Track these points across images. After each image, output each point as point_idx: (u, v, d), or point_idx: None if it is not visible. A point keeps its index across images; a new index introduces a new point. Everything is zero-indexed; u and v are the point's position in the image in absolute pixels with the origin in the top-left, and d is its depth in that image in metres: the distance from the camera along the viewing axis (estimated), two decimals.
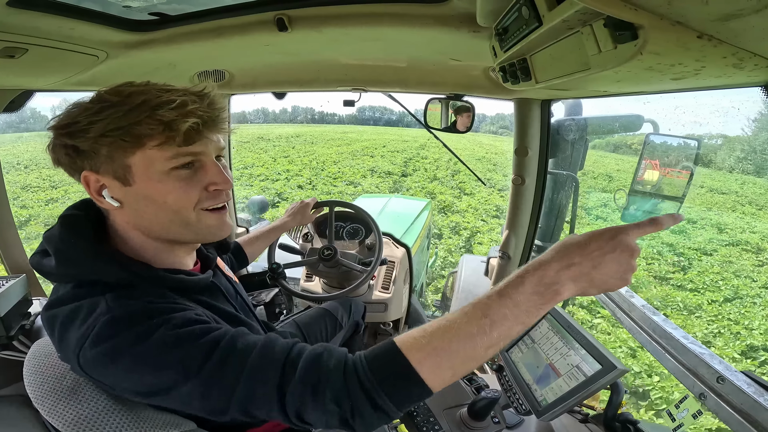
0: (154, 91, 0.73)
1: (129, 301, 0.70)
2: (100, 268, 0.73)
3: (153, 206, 0.76)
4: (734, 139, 26.22)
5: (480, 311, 0.63)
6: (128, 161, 0.72)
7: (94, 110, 0.71)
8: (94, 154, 0.72)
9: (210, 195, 0.79)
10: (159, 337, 0.66)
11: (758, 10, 0.46)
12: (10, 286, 1.55)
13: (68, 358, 0.72)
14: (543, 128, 1.72)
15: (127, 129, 0.70)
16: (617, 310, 1.36)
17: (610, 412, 1.12)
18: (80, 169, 0.74)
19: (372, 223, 2.07)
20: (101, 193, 0.75)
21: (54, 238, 0.78)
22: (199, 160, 0.77)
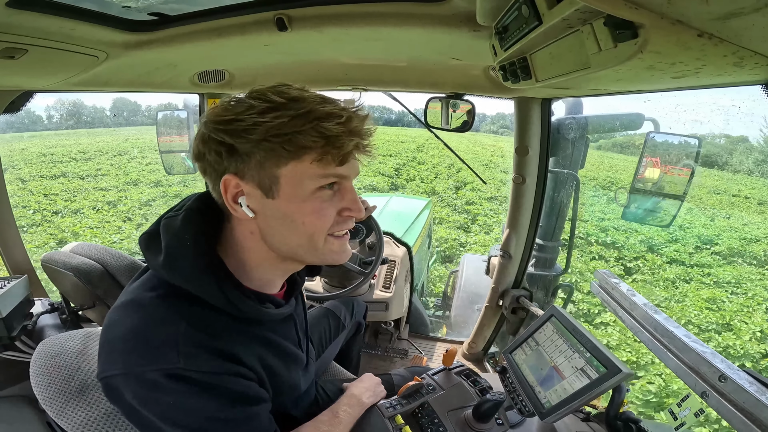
0: (317, 100, 0.69)
1: (200, 359, 0.68)
2: (199, 284, 0.71)
3: (289, 225, 0.73)
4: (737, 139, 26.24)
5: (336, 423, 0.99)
6: (279, 172, 0.69)
7: (258, 109, 0.67)
8: (247, 157, 0.68)
9: (341, 220, 0.77)
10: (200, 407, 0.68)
11: (758, 9, 0.46)
12: (12, 287, 1.56)
13: (101, 361, 0.71)
14: (543, 127, 1.72)
15: (290, 137, 0.67)
16: (619, 309, 1.36)
17: (612, 411, 1.12)
18: (224, 170, 0.71)
19: (373, 223, 2.07)
20: (237, 200, 0.72)
21: (171, 232, 0.74)
22: (341, 183, 0.75)
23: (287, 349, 0.88)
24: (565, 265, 2.29)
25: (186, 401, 0.67)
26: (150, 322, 0.69)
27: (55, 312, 1.80)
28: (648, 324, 1.21)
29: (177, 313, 0.70)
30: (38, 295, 1.99)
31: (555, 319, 1.21)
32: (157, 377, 0.65)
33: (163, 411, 0.67)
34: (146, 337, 0.67)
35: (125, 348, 0.67)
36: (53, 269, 1.53)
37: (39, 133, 37.40)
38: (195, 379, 0.67)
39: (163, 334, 0.67)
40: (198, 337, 0.69)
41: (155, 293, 0.72)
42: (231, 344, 0.73)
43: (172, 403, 0.67)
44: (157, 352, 0.66)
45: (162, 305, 0.71)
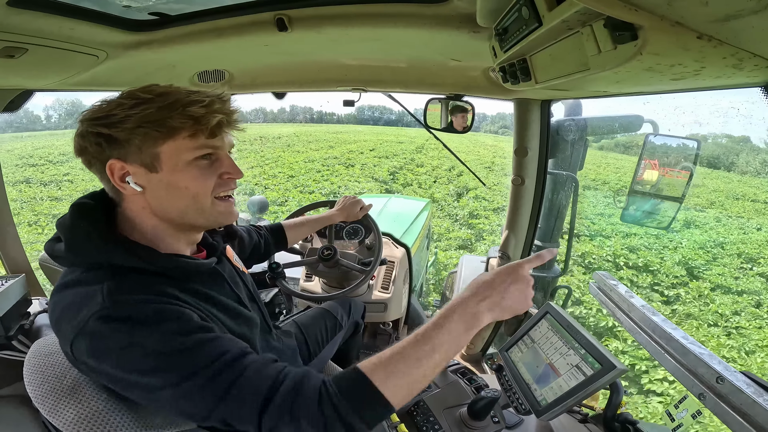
0: (183, 92, 0.81)
1: (123, 297, 0.74)
2: (107, 252, 0.79)
3: (174, 192, 0.83)
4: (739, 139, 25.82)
5: (423, 340, 0.76)
6: (158, 150, 0.80)
7: (128, 105, 0.78)
8: (126, 143, 0.78)
9: (223, 182, 0.88)
10: (148, 343, 0.71)
11: (758, 11, 0.46)
12: (9, 286, 1.55)
13: (63, 344, 0.78)
14: (543, 128, 1.72)
15: (162, 122, 0.78)
16: (617, 311, 1.36)
17: (610, 412, 1.12)
18: (107, 158, 0.80)
19: (371, 223, 2.07)
20: (124, 180, 0.81)
21: (65, 224, 0.83)
22: (216, 153, 0.86)
23: (224, 302, 0.91)
24: (564, 266, 2.29)
25: (130, 340, 0.70)
26: (78, 290, 0.77)
27: None
28: (646, 326, 1.21)
29: (99, 278, 0.77)
30: (36, 294, 1.99)
31: (550, 316, 1.21)
32: (94, 325, 0.71)
33: (117, 358, 0.71)
34: (78, 301, 0.75)
35: (67, 317, 0.74)
36: (51, 268, 1.53)
37: (34, 133, 36.64)
38: (129, 315, 0.72)
39: (91, 293, 0.74)
40: (121, 284, 0.76)
41: (77, 273, 0.80)
42: (158, 284, 0.79)
43: (117, 347, 0.71)
44: (87, 303, 0.73)
45: (85, 278, 0.78)
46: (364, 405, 0.71)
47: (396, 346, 0.77)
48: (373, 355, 0.76)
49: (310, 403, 0.70)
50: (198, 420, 0.73)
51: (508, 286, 0.83)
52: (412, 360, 0.74)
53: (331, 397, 0.71)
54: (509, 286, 0.83)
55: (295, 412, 0.70)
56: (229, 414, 0.71)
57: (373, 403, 0.71)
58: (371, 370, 0.73)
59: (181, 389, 0.70)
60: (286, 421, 0.69)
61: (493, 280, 0.83)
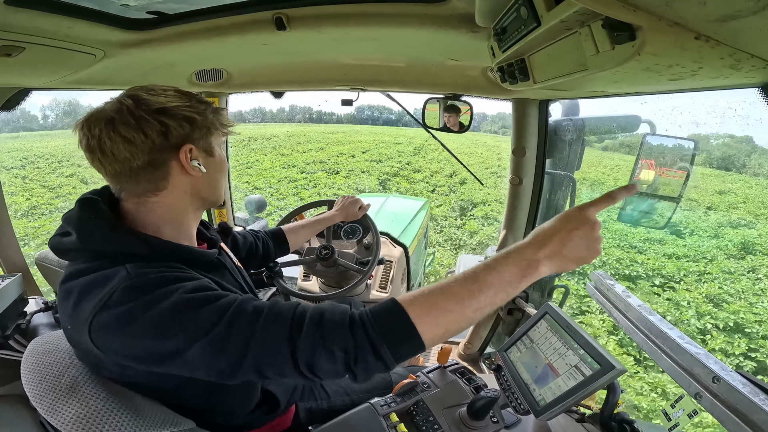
0: (210, 101, 0.94)
1: (147, 270, 0.76)
2: (120, 242, 0.80)
3: (220, 171, 0.97)
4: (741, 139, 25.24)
5: (470, 278, 0.72)
6: (210, 139, 0.92)
7: (197, 100, 0.91)
8: (206, 130, 0.90)
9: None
10: (172, 301, 0.71)
11: (755, 12, 0.46)
12: (6, 285, 1.55)
13: (79, 326, 0.75)
14: (541, 128, 1.73)
15: (213, 122, 0.92)
16: (614, 310, 1.37)
17: (607, 412, 1.12)
18: (182, 143, 0.85)
19: (370, 223, 2.07)
20: (190, 162, 0.87)
21: (74, 218, 0.84)
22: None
23: (231, 289, 0.90)
24: None
25: (151, 306, 0.71)
26: (96, 274, 0.77)
27: (49, 311, 1.79)
28: (642, 325, 1.21)
29: (118, 260, 0.78)
30: (32, 293, 1.98)
31: (549, 316, 1.21)
32: (116, 298, 0.72)
33: (144, 324, 0.71)
34: (100, 279, 0.75)
35: (89, 296, 0.74)
36: (48, 268, 1.52)
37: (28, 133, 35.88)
38: (147, 283, 0.73)
39: (110, 273, 0.75)
40: (141, 264, 0.78)
41: (89, 262, 0.80)
42: (175, 267, 0.82)
43: (140, 314, 0.71)
44: (111, 279, 0.74)
45: (99, 263, 0.79)
46: (395, 336, 0.69)
47: (440, 282, 0.73)
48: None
49: (340, 326, 0.70)
50: (231, 375, 0.71)
51: (570, 233, 0.75)
52: (454, 297, 0.71)
53: (363, 322, 0.70)
54: (572, 232, 0.75)
55: (327, 337, 0.69)
56: (261, 355, 0.70)
57: (405, 337, 0.69)
58: (409, 302, 0.71)
59: (208, 340, 0.69)
60: (320, 350, 0.68)
61: (554, 227, 0.76)
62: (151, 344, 0.71)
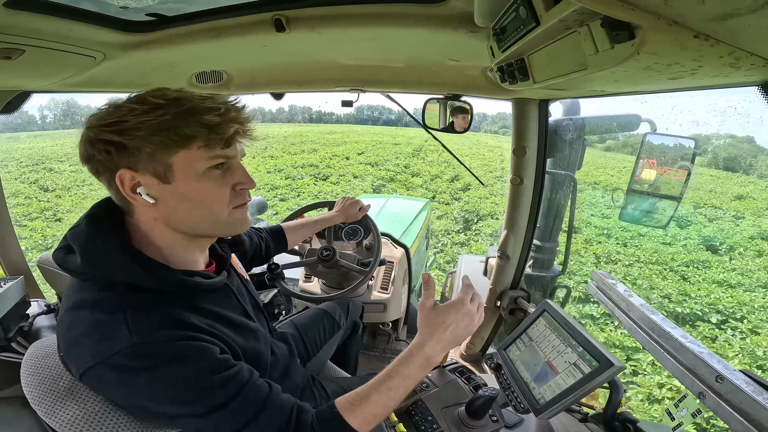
0: (197, 98, 0.78)
1: (150, 334, 0.73)
2: (125, 271, 0.77)
3: (189, 203, 0.81)
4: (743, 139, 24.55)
5: (385, 385, 0.88)
6: (171, 160, 0.76)
7: (140, 110, 0.74)
8: (137, 151, 0.75)
9: (237, 194, 0.86)
10: (173, 381, 0.73)
11: (754, 10, 0.46)
12: (8, 288, 1.55)
13: (73, 363, 0.76)
14: (541, 128, 1.72)
15: (176, 129, 0.75)
16: (616, 310, 1.36)
17: (610, 411, 1.12)
18: (116, 167, 0.77)
19: (370, 224, 2.07)
20: (135, 191, 0.78)
21: (80, 237, 0.80)
22: (228, 163, 0.84)
23: (233, 319, 0.92)
24: (563, 266, 2.29)
25: (157, 378, 0.72)
26: (99, 315, 0.74)
27: (52, 313, 1.79)
28: (645, 325, 1.21)
29: (119, 301, 0.76)
30: (34, 296, 1.98)
31: (547, 314, 1.21)
32: (121, 360, 0.71)
33: (139, 392, 0.73)
34: (100, 329, 0.73)
35: (87, 343, 0.73)
36: (49, 270, 1.53)
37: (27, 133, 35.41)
38: (156, 353, 0.73)
39: (114, 321, 0.73)
40: (144, 316, 0.75)
41: (93, 291, 0.78)
42: (179, 314, 0.79)
43: (145, 382, 0.72)
44: (113, 337, 0.72)
45: (103, 298, 0.76)
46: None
47: (364, 389, 0.88)
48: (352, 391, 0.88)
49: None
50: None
51: (457, 324, 0.96)
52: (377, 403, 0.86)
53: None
54: (458, 323, 0.96)
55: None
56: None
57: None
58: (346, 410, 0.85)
59: (204, 420, 0.75)
60: None
61: (445, 320, 0.96)
62: (146, 404, 0.75)
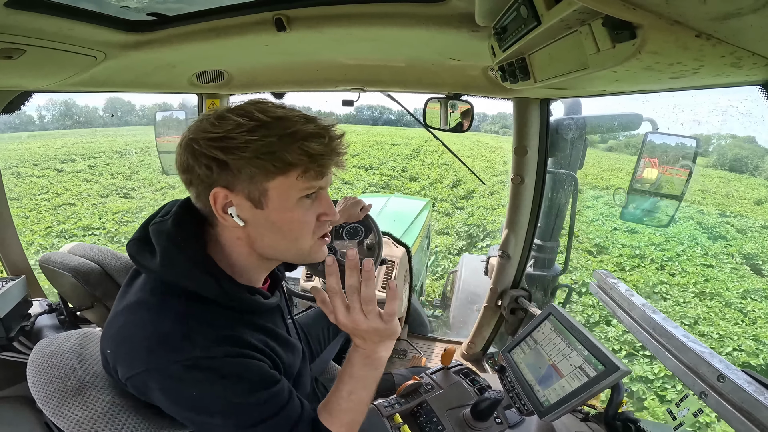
0: (300, 120, 0.75)
1: (210, 348, 0.74)
2: (199, 281, 0.77)
3: (277, 232, 0.80)
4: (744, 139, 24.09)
5: (345, 390, 0.87)
6: (268, 185, 0.75)
7: (248, 127, 0.72)
8: (237, 172, 0.73)
9: (320, 224, 0.84)
10: (223, 395, 0.75)
11: (756, 10, 0.46)
12: (10, 288, 1.55)
13: (122, 363, 0.76)
14: (542, 127, 1.72)
15: (279, 155, 0.72)
16: (617, 309, 1.36)
17: (611, 411, 1.12)
18: (213, 183, 0.75)
19: (372, 223, 2.07)
20: (226, 210, 0.77)
21: (164, 237, 0.79)
22: (318, 192, 0.82)
23: (282, 336, 0.93)
24: (564, 265, 2.29)
25: (208, 390, 0.74)
26: (161, 321, 0.74)
27: (53, 313, 1.79)
28: (647, 324, 1.21)
29: (183, 310, 0.76)
30: (36, 295, 1.99)
31: (553, 317, 1.21)
32: (177, 370, 0.71)
33: (188, 401, 0.74)
34: (161, 335, 0.73)
35: (144, 347, 0.73)
36: (51, 270, 1.53)
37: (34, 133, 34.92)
38: (212, 368, 0.73)
39: (176, 330, 0.73)
40: (206, 328, 0.75)
41: (159, 293, 0.78)
42: (235, 330, 0.79)
43: (196, 393, 0.74)
44: (174, 346, 0.72)
45: (168, 304, 0.76)
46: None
47: (330, 398, 0.88)
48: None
49: None
50: None
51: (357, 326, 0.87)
52: (348, 409, 0.87)
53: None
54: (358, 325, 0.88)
55: None
56: None
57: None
58: (323, 418, 0.86)
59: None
60: None
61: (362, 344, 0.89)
62: (188, 414, 0.77)
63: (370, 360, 0.87)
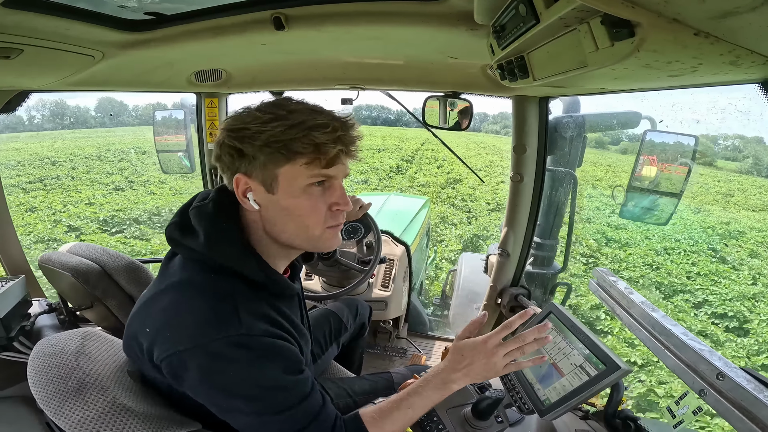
0: (309, 111, 0.82)
1: (256, 325, 0.79)
2: (242, 261, 0.84)
3: (287, 217, 0.86)
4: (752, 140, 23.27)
5: (406, 402, 0.90)
6: (277, 172, 0.82)
7: (262, 120, 0.80)
8: (253, 159, 0.81)
9: (332, 214, 0.89)
10: (261, 375, 0.79)
11: (754, 8, 0.46)
12: (10, 288, 1.56)
13: (162, 344, 0.78)
14: (541, 125, 1.72)
15: (285, 143, 0.79)
16: (617, 307, 1.36)
17: (611, 409, 1.12)
18: (236, 170, 0.84)
19: (371, 222, 2.07)
20: (246, 195, 0.84)
21: (206, 217, 0.86)
22: (330, 181, 0.87)
23: (298, 324, 0.96)
24: (563, 263, 2.29)
25: (246, 370, 0.77)
26: (208, 299, 0.79)
27: (53, 312, 1.80)
28: (646, 322, 1.21)
29: (228, 289, 0.81)
30: (36, 295, 1.99)
31: (553, 315, 1.21)
32: (221, 346, 0.75)
33: (224, 382, 0.77)
34: (208, 312, 0.77)
35: (190, 323, 0.77)
36: (51, 269, 1.53)
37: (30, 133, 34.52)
38: (253, 346, 0.77)
39: (224, 309, 0.78)
40: (249, 306, 0.81)
41: (203, 273, 0.83)
42: (271, 311, 0.86)
43: (233, 373, 0.77)
44: (222, 323, 0.76)
45: (213, 283, 0.82)
46: None
47: (386, 405, 0.91)
48: (374, 404, 0.93)
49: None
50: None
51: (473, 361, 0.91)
52: (398, 421, 0.89)
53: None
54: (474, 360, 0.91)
55: None
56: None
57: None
58: (367, 421, 0.88)
59: (259, 419, 0.80)
60: None
61: (464, 356, 0.92)
62: (221, 397, 0.79)
63: (445, 387, 0.91)
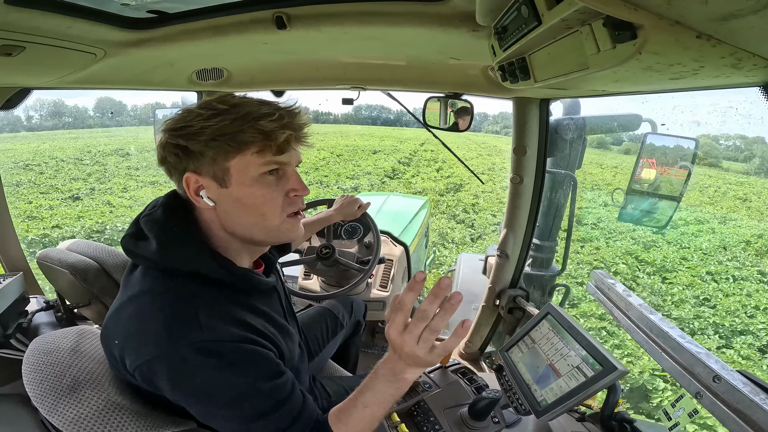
0: (255, 103, 0.82)
1: (220, 327, 0.77)
2: (200, 262, 0.82)
3: (242, 209, 0.85)
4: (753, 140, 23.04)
5: (360, 401, 0.85)
6: (228, 164, 0.81)
7: (205, 116, 0.80)
8: (200, 155, 0.81)
9: (290, 201, 0.88)
10: (232, 383, 0.77)
11: (757, 11, 0.46)
12: (7, 285, 1.55)
13: (131, 354, 0.77)
14: (541, 127, 1.72)
15: (233, 135, 0.79)
16: (614, 309, 1.36)
17: (607, 411, 1.12)
18: (184, 169, 0.83)
19: (370, 222, 2.07)
20: (199, 193, 0.83)
21: (156, 225, 0.85)
22: (283, 169, 0.87)
23: (279, 321, 0.94)
24: (562, 265, 2.29)
25: (217, 377, 0.75)
26: (168, 306, 0.77)
27: (51, 310, 1.79)
28: (643, 324, 1.21)
29: (187, 293, 0.79)
30: (33, 292, 1.98)
31: (551, 317, 1.21)
32: (186, 353, 0.73)
33: (197, 388, 0.76)
34: (170, 319, 0.76)
35: (152, 332, 0.75)
36: (49, 267, 1.52)
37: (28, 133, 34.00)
38: (221, 352, 0.76)
39: (184, 312, 0.77)
40: (211, 311, 0.79)
41: (161, 280, 0.81)
42: (238, 312, 0.83)
43: (202, 380, 0.75)
44: (183, 329, 0.75)
45: (172, 288, 0.80)
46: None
47: (345, 404, 0.87)
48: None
49: None
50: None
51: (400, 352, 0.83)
52: (359, 420, 0.85)
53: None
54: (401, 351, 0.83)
55: None
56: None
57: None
58: (332, 421, 0.86)
59: (241, 424, 0.79)
60: None
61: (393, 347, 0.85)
62: (193, 402, 0.78)
63: (396, 378, 0.84)
